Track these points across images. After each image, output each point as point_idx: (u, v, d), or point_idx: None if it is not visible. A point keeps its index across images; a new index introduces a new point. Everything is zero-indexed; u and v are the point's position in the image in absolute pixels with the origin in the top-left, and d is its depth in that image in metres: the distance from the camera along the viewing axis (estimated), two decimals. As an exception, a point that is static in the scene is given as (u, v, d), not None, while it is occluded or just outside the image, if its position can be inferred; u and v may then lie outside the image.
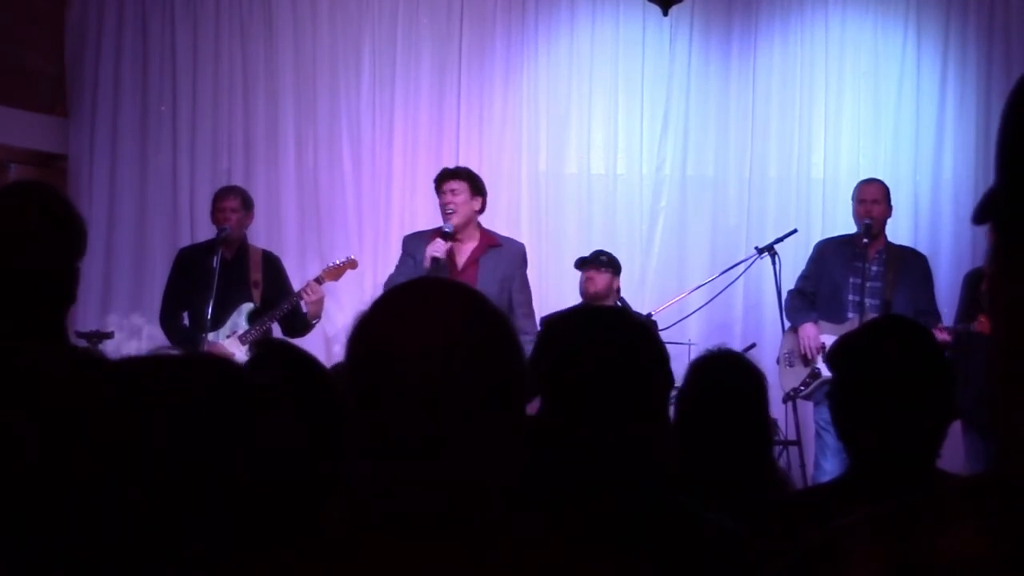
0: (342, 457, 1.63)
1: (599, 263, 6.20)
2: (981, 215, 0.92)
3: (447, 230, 5.57)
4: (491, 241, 5.72)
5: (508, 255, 5.71)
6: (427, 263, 5.48)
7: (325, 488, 1.55)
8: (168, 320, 6.00)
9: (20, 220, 2.04)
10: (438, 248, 5.52)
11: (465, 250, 5.65)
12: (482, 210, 5.72)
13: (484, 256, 5.64)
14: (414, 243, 5.73)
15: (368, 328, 1.35)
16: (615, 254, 6.32)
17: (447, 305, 1.34)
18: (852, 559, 0.91)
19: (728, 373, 2.88)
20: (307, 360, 2.29)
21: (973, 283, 5.99)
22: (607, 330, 1.88)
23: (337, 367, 2.40)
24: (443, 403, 1.28)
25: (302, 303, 5.87)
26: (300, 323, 5.95)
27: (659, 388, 1.90)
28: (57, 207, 2.11)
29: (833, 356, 2.24)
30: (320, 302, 5.91)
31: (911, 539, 0.89)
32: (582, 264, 6.24)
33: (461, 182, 5.64)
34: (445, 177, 5.70)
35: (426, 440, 1.29)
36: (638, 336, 1.90)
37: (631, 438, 1.84)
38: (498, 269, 5.63)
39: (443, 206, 5.64)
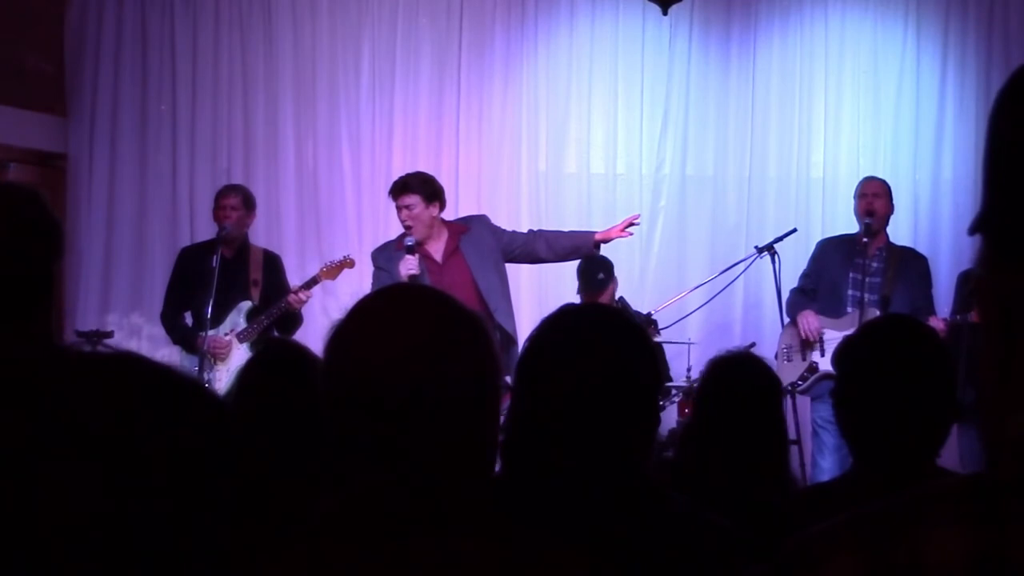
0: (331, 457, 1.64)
1: (599, 285, 6.19)
2: (973, 229, 0.92)
3: (409, 243, 5.48)
4: (460, 229, 5.67)
5: (479, 231, 5.66)
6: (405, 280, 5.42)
7: (318, 487, 1.56)
8: (169, 319, 6.01)
9: None
10: (412, 265, 5.45)
11: (439, 246, 5.62)
12: (442, 208, 5.65)
13: (461, 244, 5.61)
14: (384, 256, 5.66)
15: (340, 335, 1.37)
16: (614, 254, 6.32)
17: (416, 311, 1.37)
18: (831, 564, 0.91)
19: (746, 375, 2.88)
20: (309, 359, 2.30)
21: (967, 281, 6.01)
22: (604, 329, 1.88)
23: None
24: (410, 406, 1.30)
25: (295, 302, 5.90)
26: (292, 321, 5.98)
27: (652, 388, 1.91)
28: (27, 210, 2.06)
29: (836, 355, 2.25)
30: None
31: (892, 544, 0.89)
32: (584, 289, 6.23)
33: (414, 195, 5.52)
34: (399, 192, 5.57)
35: (393, 442, 1.31)
36: (632, 335, 1.90)
37: (629, 438, 1.83)
38: (481, 247, 5.60)
39: (401, 221, 5.56)
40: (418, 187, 5.56)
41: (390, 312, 1.38)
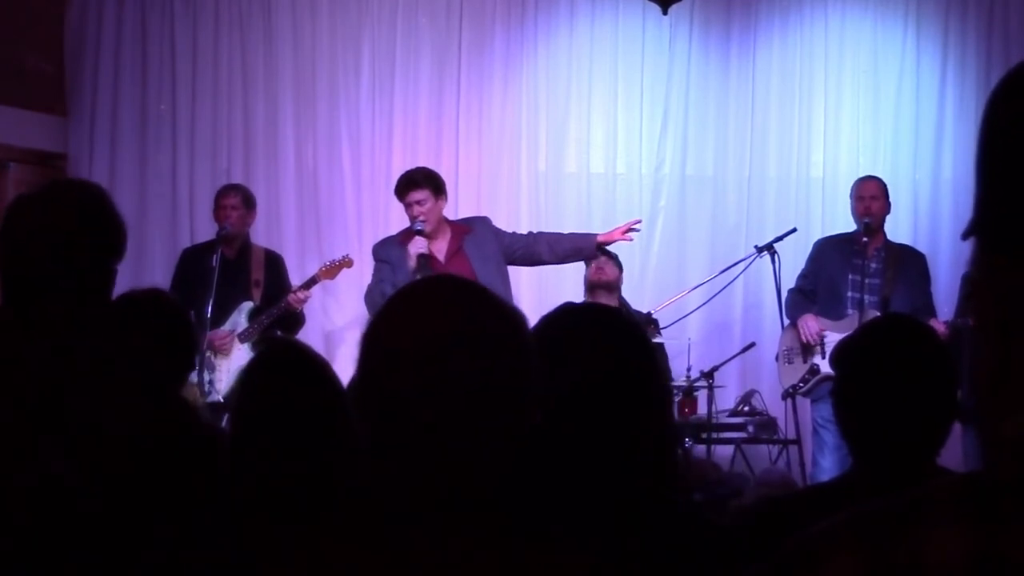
0: (345, 454, 1.64)
1: (608, 252, 6.21)
2: (967, 233, 0.92)
3: (419, 228, 5.51)
4: (463, 229, 5.69)
5: (482, 233, 5.69)
6: (412, 262, 5.44)
7: (328, 484, 1.55)
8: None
9: (56, 219, 2.02)
10: (421, 245, 5.48)
11: (442, 245, 5.63)
12: (446, 203, 5.68)
13: (464, 244, 5.62)
14: (386, 249, 5.67)
15: (373, 328, 1.36)
16: (615, 252, 6.33)
17: (453, 305, 1.35)
18: (831, 564, 0.91)
19: None
20: (313, 359, 2.30)
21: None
22: (604, 328, 1.88)
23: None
24: (433, 402, 1.29)
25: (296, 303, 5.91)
26: (294, 321, 5.98)
27: (653, 387, 1.90)
28: (95, 208, 2.09)
29: (836, 355, 2.25)
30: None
31: (892, 544, 0.89)
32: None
33: (423, 190, 5.54)
34: (408, 188, 5.58)
35: (408, 439, 1.31)
36: (632, 334, 1.90)
37: (630, 438, 1.83)
38: (484, 249, 5.62)
39: (411, 218, 5.57)
40: (426, 181, 5.59)
41: (422, 303, 1.36)
